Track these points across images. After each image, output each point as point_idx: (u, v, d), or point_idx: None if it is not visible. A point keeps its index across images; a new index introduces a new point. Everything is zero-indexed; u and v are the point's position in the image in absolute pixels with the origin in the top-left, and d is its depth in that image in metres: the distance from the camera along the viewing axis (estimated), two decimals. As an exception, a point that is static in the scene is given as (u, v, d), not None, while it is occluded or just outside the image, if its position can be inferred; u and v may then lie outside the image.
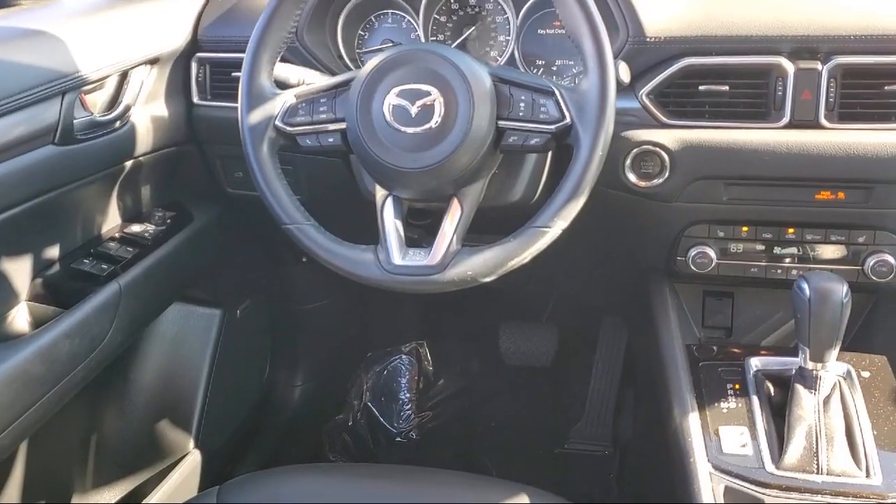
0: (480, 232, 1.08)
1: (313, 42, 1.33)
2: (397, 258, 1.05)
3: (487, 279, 1.04)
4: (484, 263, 1.03)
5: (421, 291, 1.06)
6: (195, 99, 1.44)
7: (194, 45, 1.43)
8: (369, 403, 2.12)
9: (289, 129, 1.10)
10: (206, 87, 1.43)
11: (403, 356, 2.18)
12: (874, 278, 1.22)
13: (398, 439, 2.07)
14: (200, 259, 1.59)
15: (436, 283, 1.04)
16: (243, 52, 1.12)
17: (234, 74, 1.34)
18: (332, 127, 1.09)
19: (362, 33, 1.42)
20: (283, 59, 1.18)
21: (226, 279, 1.76)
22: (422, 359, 2.18)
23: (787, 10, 1.16)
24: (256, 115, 1.10)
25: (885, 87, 1.13)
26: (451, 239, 1.04)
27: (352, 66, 1.39)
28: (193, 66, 1.43)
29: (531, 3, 1.31)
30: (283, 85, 1.16)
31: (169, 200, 1.52)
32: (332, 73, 1.29)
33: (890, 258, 1.21)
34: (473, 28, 1.36)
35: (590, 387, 2.00)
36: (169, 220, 1.47)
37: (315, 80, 1.22)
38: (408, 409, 2.11)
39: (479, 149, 1.03)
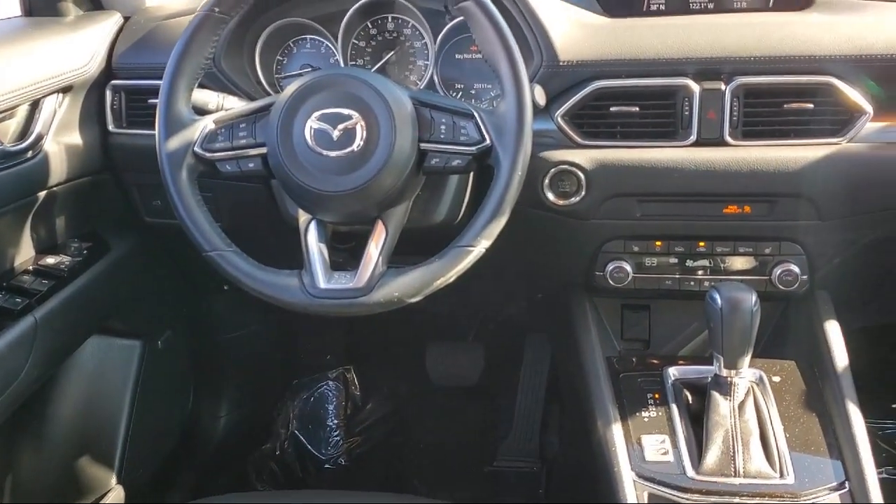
0: (406, 254, 1.10)
1: (231, 68, 1.33)
2: (322, 282, 1.05)
3: (414, 300, 1.05)
4: (410, 284, 1.04)
5: (347, 314, 1.06)
6: (110, 127, 1.41)
7: (108, 72, 1.40)
8: (296, 431, 2.09)
9: (208, 155, 1.09)
10: (121, 114, 1.40)
11: (330, 382, 2.16)
12: (781, 287, 1.28)
13: (327, 466, 2.05)
14: (119, 290, 1.55)
15: (362, 305, 1.04)
16: (160, 78, 1.11)
17: (150, 101, 1.32)
18: (252, 152, 1.09)
19: (281, 58, 1.42)
20: (201, 86, 1.18)
21: (146, 310, 1.72)
22: (349, 384, 2.17)
23: (691, 34, 1.21)
24: (175, 142, 1.09)
25: (784, 106, 1.19)
26: (377, 261, 1.05)
27: (271, 92, 1.39)
28: (108, 93, 1.40)
29: (448, 29, 1.34)
30: (201, 111, 1.16)
31: (85, 231, 1.48)
32: (252, 99, 1.28)
33: (794, 268, 1.27)
34: (392, 53, 1.38)
35: (516, 403, 2.02)
36: (85, 251, 1.43)
37: (234, 105, 1.22)
38: (336, 436, 2.09)
39: (402, 171, 1.04)
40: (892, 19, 1.18)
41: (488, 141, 1.03)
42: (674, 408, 1.19)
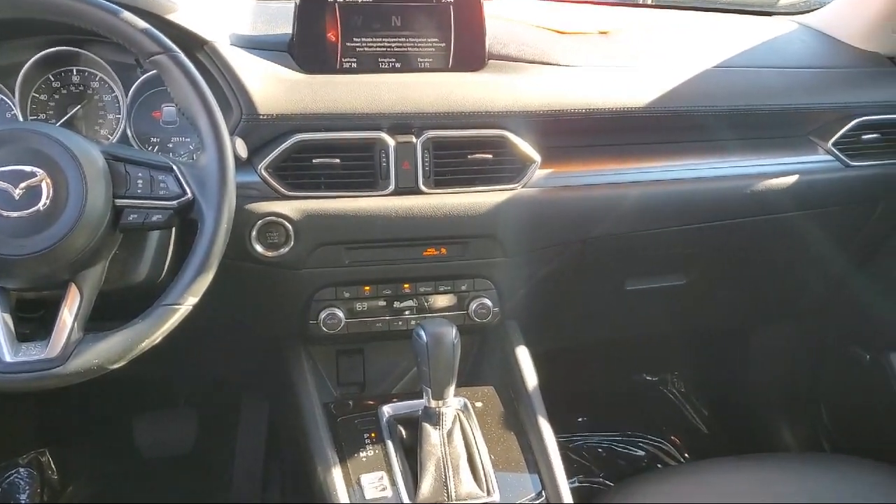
0: (106, 318, 1.04)
1: None
2: (8, 355, 0.96)
3: (116, 365, 1.00)
4: (111, 349, 0.99)
5: (41, 388, 0.98)
6: None
7: None
8: (-19, 531, 1.86)
9: None
10: None
11: (21, 469, 1.96)
12: (477, 320, 1.40)
13: (20, 565, 1.83)
14: None
15: (57, 376, 0.97)
16: None
17: None
18: None
19: (-53, 114, 1.28)
20: None
21: None
22: (44, 469, 1.98)
23: (382, 92, 1.29)
24: None
25: (468, 156, 1.31)
26: (72, 327, 0.99)
27: (-65, 150, 1.24)
28: None
29: (141, 82, 1.30)
30: None
31: None
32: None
33: (487, 301, 1.40)
34: (79, 107, 1.31)
35: (234, 466, 1.96)
36: None
37: None
38: (31, 529, 1.89)
39: (95, 229, 0.99)
40: (547, 80, 1.36)
41: (190, 194, 1.02)
42: (389, 444, 1.24)
